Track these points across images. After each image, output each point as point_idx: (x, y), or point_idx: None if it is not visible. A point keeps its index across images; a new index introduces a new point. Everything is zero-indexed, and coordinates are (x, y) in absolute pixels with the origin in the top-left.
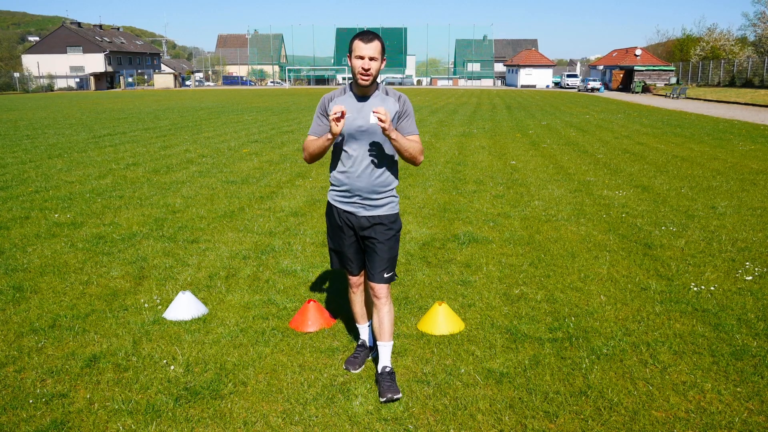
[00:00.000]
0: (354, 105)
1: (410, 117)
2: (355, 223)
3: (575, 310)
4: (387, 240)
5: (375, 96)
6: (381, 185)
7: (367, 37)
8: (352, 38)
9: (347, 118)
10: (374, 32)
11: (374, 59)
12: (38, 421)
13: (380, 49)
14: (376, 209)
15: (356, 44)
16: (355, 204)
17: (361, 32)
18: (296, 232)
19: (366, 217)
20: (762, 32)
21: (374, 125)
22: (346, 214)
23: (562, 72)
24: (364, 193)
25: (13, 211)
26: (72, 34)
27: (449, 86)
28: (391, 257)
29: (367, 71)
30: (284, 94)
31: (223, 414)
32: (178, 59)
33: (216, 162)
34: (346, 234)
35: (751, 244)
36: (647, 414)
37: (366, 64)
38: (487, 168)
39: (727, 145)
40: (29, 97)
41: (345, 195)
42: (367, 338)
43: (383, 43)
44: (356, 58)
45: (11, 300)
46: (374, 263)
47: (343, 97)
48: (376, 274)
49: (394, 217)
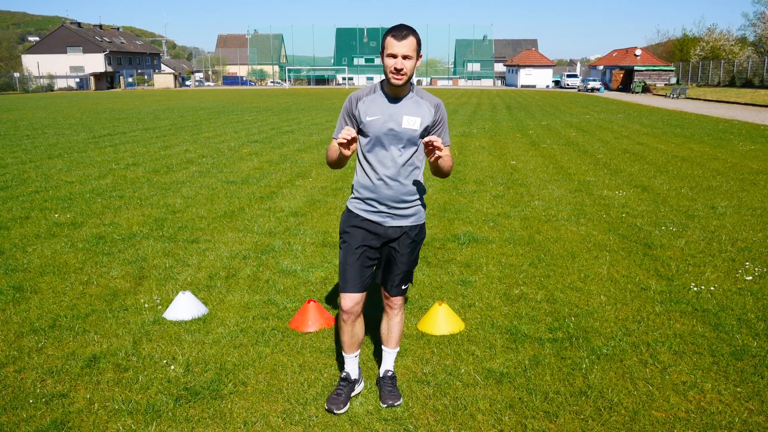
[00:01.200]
0: (385, 106)
1: (444, 127)
2: (381, 233)
3: (575, 310)
4: (410, 252)
5: (408, 98)
6: (409, 194)
7: (401, 33)
8: (384, 34)
9: (377, 120)
10: (409, 26)
11: (408, 57)
12: (38, 421)
13: (415, 46)
14: (403, 219)
15: (388, 41)
16: (382, 213)
17: (394, 27)
18: (296, 232)
19: (393, 227)
20: (762, 32)
21: (406, 129)
22: (371, 224)
23: (562, 72)
24: (392, 202)
25: (13, 211)
26: (72, 34)
27: (449, 86)
28: (410, 270)
29: (400, 71)
30: (284, 94)
31: (223, 414)
32: (178, 59)
33: (216, 162)
34: (360, 242)
35: (751, 244)
36: (647, 414)
37: (399, 64)
38: (487, 168)
39: (727, 145)
40: (29, 97)
41: (370, 204)
42: (354, 369)
43: (419, 38)
44: (388, 56)
45: (11, 300)
46: (392, 274)
47: (372, 96)
48: (393, 287)
49: (420, 227)
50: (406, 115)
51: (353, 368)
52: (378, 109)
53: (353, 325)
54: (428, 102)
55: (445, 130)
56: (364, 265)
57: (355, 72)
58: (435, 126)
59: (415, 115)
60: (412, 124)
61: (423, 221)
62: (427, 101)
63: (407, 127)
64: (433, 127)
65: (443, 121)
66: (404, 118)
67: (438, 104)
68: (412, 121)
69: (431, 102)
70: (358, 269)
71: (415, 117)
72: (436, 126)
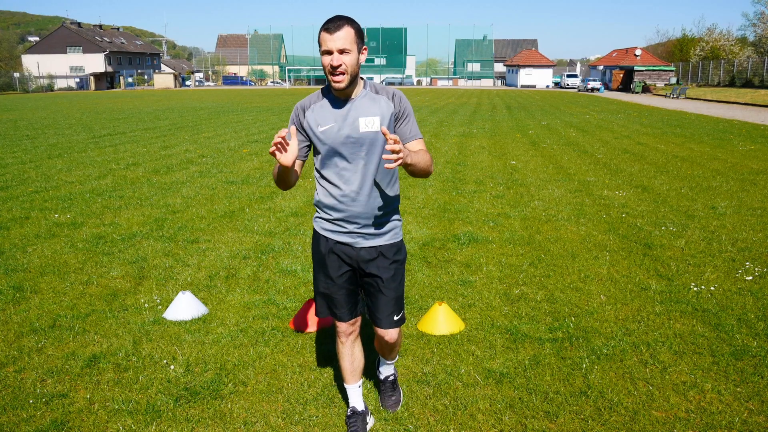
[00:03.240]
0: (336, 111)
1: (409, 118)
2: (353, 256)
3: (575, 310)
4: (393, 276)
5: (362, 96)
6: (382, 208)
7: (334, 24)
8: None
9: (330, 129)
10: (344, 16)
11: (346, 52)
12: (38, 421)
13: (354, 37)
14: (377, 238)
15: (321, 37)
16: (353, 234)
17: (327, 20)
18: (296, 232)
19: (366, 248)
20: (762, 32)
21: (366, 134)
22: (341, 246)
23: (562, 72)
24: (363, 219)
25: (13, 211)
26: (72, 34)
27: (449, 86)
28: (398, 296)
29: (337, 69)
30: (284, 94)
31: (223, 414)
32: (178, 59)
33: (216, 162)
34: (338, 271)
35: (751, 244)
36: (647, 414)
37: (336, 60)
38: (487, 168)
39: (727, 145)
40: (29, 97)
41: (339, 224)
42: (359, 401)
43: (358, 26)
44: (324, 54)
45: (11, 300)
46: (380, 306)
47: (320, 102)
48: (384, 318)
49: (398, 246)
50: (361, 117)
51: (358, 400)
52: (329, 116)
53: (353, 347)
54: (384, 95)
55: (412, 121)
56: (349, 292)
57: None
58: (399, 120)
59: (372, 114)
60: (371, 126)
61: (400, 238)
62: (383, 95)
63: (366, 130)
64: (396, 121)
65: (407, 112)
66: (360, 121)
67: (395, 94)
68: (369, 122)
69: (387, 94)
70: (345, 297)
71: (373, 116)
72: (400, 120)
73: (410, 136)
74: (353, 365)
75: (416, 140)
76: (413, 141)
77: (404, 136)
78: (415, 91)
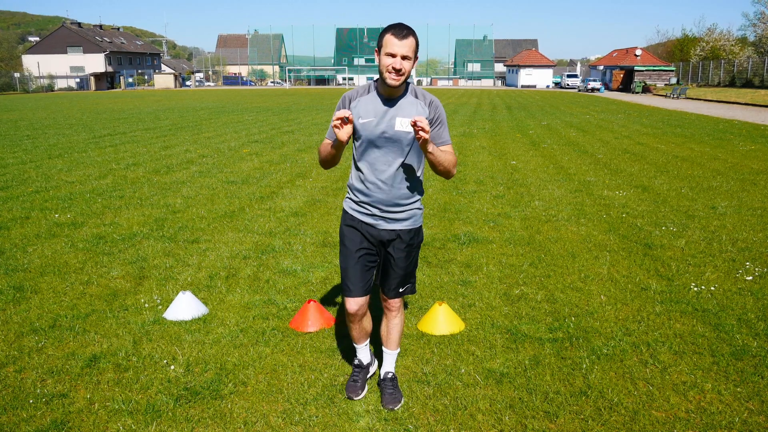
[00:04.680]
0: (378, 107)
1: (443, 124)
2: (375, 235)
3: (575, 310)
4: (405, 257)
5: (403, 99)
6: (404, 197)
7: (402, 33)
8: (382, 31)
9: (370, 123)
10: (408, 26)
11: (407, 58)
12: (38, 421)
13: (415, 47)
14: (398, 222)
15: (388, 39)
16: (375, 216)
17: (393, 25)
18: (296, 232)
19: (387, 230)
20: (762, 32)
21: (399, 132)
22: (365, 226)
23: (562, 72)
24: (385, 206)
25: (14, 211)
26: (72, 34)
27: (449, 86)
28: (408, 273)
29: (399, 72)
30: (284, 94)
31: (224, 414)
32: (178, 59)
33: (216, 162)
34: (357, 246)
35: (752, 244)
36: (647, 414)
37: (398, 64)
38: (487, 168)
39: (727, 145)
40: (29, 97)
41: (364, 206)
42: (365, 355)
43: (418, 40)
44: (386, 55)
45: (11, 300)
46: (389, 279)
47: (366, 96)
48: (390, 290)
49: (416, 231)
50: (399, 117)
51: (365, 354)
52: (371, 111)
53: (360, 323)
54: (422, 101)
55: (444, 128)
56: (364, 269)
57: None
58: (432, 125)
59: (409, 115)
60: (406, 126)
61: (419, 225)
62: (421, 100)
63: (400, 130)
64: (430, 126)
65: (441, 119)
66: (397, 121)
67: (432, 101)
68: (405, 122)
69: (425, 100)
70: (359, 273)
71: (409, 118)
72: (433, 125)
73: (440, 141)
74: (360, 333)
75: (446, 146)
76: (444, 146)
77: (436, 140)
78: None
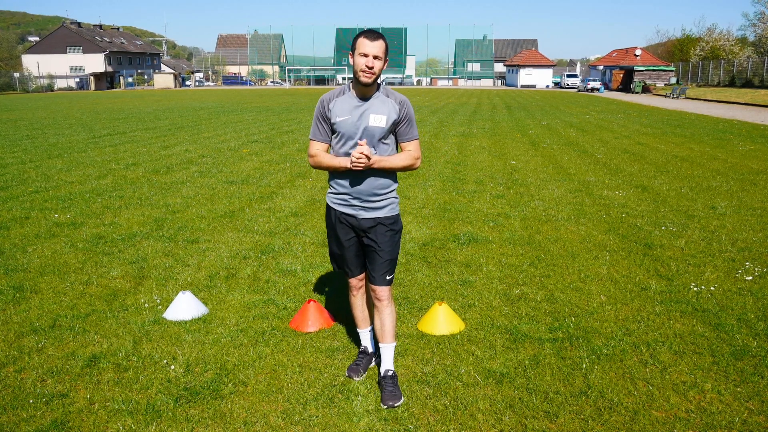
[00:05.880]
0: (353, 106)
1: (410, 122)
2: (356, 225)
3: (575, 310)
4: (388, 241)
5: (375, 97)
6: (381, 187)
7: (373, 36)
8: (356, 36)
9: (346, 120)
10: (379, 32)
11: (378, 58)
12: (38, 421)
13: (384, 49)
14: (376, 211)
15: (361, 41)
16: (355, 207)
17: (366, 30)
18: (296, 232)
19: (366, 218)
20: (762, 32)
21: (373, 128)
22: (346, 217)
23: (562, 72)
24: (364, 195)
25: (13, 211)
26: (72, 34)
27: (449, 86)
28: (392, 259)
29: (371, 69)
30: (284, 94)
31: (223, 414)
32: (178, 59)
33: (216, 162)
34: (346, 236)
35: (751, 244)
36: (647, 414)
37: (370, 62)
38: (487, 168)
39: (727, 145)
40: (29, 97)
41: (345, 197)
42: (369, 343)
43: (387, 43)
44: (360, 55)
45: (11, 300)
46: (375, 265)
47: (342, 97)
48: (378, 276)
49: (394, 218)
50: (372, 114)
51: (368, 342)
52: (347, 109)
53: (363, 298)
54: (393, 100)
55: (412, 125)
56: (357, 254)
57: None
58: (401, 123)
59: (381, 113)
60: (379, 122)
61: (397, 212)
62: (392, 99)
63: (374, 125)
64: (399, 123)
65: (409, 117)
66: (371, 117)
67: (402, 101)
68: (378, 119)
69: (396, 99)
70: (354, 257)
71: (381, 115)
72: (402, 123)
73: (407, 138)
74: (363, 313)
75: (412, 141)
76: (410, 141)
77: (403, 135)
78: (415, 91)
